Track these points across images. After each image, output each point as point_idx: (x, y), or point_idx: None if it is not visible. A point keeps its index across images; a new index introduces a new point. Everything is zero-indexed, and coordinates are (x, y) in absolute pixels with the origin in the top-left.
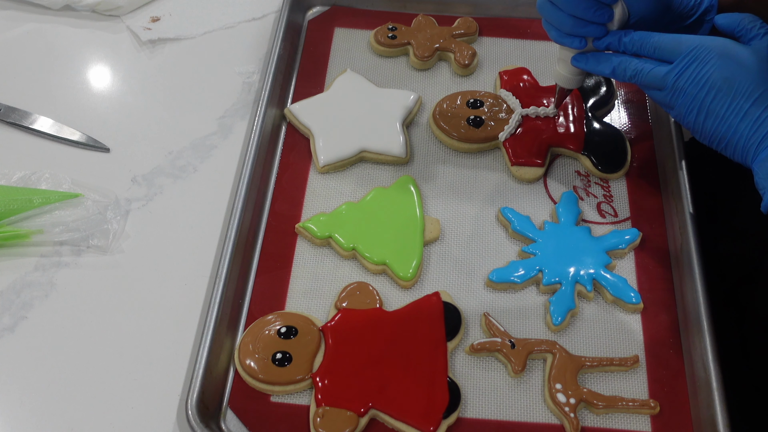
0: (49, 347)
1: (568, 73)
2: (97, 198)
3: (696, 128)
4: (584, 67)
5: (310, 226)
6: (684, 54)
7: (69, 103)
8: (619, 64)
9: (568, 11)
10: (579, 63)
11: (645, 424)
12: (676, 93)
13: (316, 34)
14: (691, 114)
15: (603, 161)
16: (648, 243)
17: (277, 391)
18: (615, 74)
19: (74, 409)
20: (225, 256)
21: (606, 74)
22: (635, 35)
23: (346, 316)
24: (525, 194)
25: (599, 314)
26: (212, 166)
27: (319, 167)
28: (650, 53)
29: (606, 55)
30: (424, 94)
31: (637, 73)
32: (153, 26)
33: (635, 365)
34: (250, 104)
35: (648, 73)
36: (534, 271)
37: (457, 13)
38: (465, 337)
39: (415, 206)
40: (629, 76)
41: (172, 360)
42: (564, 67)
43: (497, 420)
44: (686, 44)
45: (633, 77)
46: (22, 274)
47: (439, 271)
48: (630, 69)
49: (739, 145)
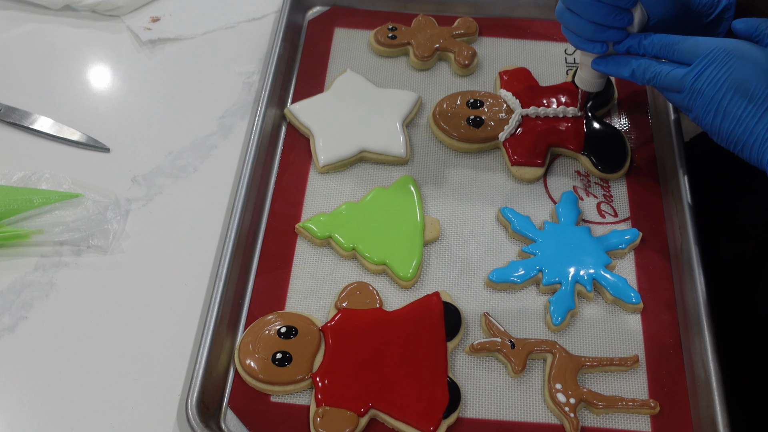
0: (49, 347)
1: (590, 76)
2: (97, 198)
3: (713, 130)
4: (604, 70)
5: (310, 226)
6: (702, 56)
7: (69, 103)
8: (638, 67)
9: (587, 18)
10: (599, 66)
11: (645, 424)
12: (694, 95)
13: (316, 34)
14: (708, 116)
15: (603, 161)
16: (648, 243)
17: (277, 391)
18: (634, 77)
19: (74, 409)
20: (225, 256)
21: (625, 77)
22: (655, 38)
23: (346, 316)
24: (525, 194)
25: (599, 314)
26: (212, 166)
27: (319, 167)
28: (669, 56)
29: (625, 58)
30: (424, 94)
31: (655, 75)
32: (153, 26)
33: (635, 365)
34: (250, 104)
35: (666, 75)
36: (534, 271)
37: (457, 13)
38: (465, 337)
39: (415, 206)
40: (648, 78)
41: (172, 360)
42: (585, 71)
43: (497, 420)
44: (704, 46)
45: (652, 80)
46: (22, 274)
47: (439, 271)
48: (649, 72)
49: (754, 148)
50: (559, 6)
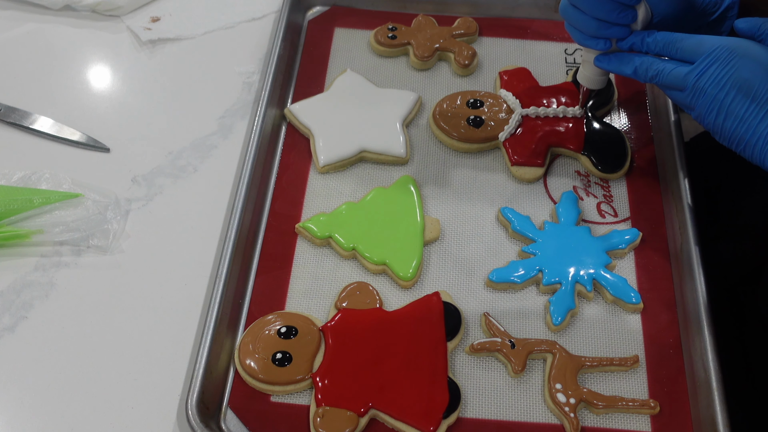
0: (49, 347)
1: (592, 73)
2: (97, 198)
3: (716, 129)
4: (607, 67)
5: (310, 226)
6: (705, 54)
7: (69, 103)
8: (640, 65)
9: (591, 14)
10: (602, 64)
11: (645, 424)
12: (696, 94)
13: (316, 34)
14: (710, 115)
15: (603, 161)
16: (648, 243)
17: (277, 391)
18: (637, 74)
19: (74, 409)
20: (225, 256)
21: (628, 74)
22: (658, 36)
23: (346, 316)
24: (525, 194)
25: (599, 314)
26: (212, 166)
27: (319, 167)
28: (672, 54)
29: (628, 55)
30: (424, 94)
31: (658, 73)
32: (153, 26)
33: (635, 365)
34: (250, 104)
35: (669, 73)
36: (534, 271)
37: (457, 13)
38: (465, 337)
39: (415, 206)
40: (650, 76)
41: (172, 360)
42: (588, 68)
43: (497, 420)
44: (708, 45)
45: (654, 78)
46: (22, 274)
47: (439, 271)
48: (652, 69)
49: (757, 147)
50: (563, 2)
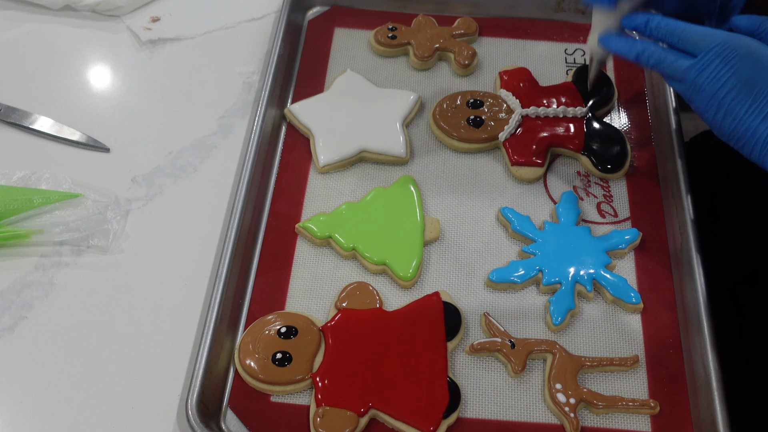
0: (49, 347)
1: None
2: (97, 198)
3: (714, 125)
4: (611, 47)
5: (310, 226)
6: (707, 50)
7: (69, 103)
8: (643, 51)
9: None
10: (607, 42)
11: (645, 424)
12: (695, 89)
13: (316, 34)
14: (709, 111)
15: (603, 161)
16: (648, 243)
17: (277, 391)
18: (639, 60)
19: (74, 409)
20: (225, 256)
21: (630, 58)
22: (662, 21)
23: (346, 316)
24: (525, 194)
25: (599, 314)
26: (212, 166)
27: (319, 167)
28: (674, 43)
29: (632, 40)
30: (424, 94)
31: (659, 62)
32: (153, 26)
33: (635, 365)
34: (250, 104)
35: (670, 64)
36: (534, 271)
37: (457, 13)
38: (465, 337)
39: (415, 206)
40: (652, 64)
41: (172, 360)
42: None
43: (497, 420)
44: (711, 39)
45: (655, 66)
46: (22, 274)
47: (439, 271)
48: (653, 57)
49: (757, 147)
50: None
